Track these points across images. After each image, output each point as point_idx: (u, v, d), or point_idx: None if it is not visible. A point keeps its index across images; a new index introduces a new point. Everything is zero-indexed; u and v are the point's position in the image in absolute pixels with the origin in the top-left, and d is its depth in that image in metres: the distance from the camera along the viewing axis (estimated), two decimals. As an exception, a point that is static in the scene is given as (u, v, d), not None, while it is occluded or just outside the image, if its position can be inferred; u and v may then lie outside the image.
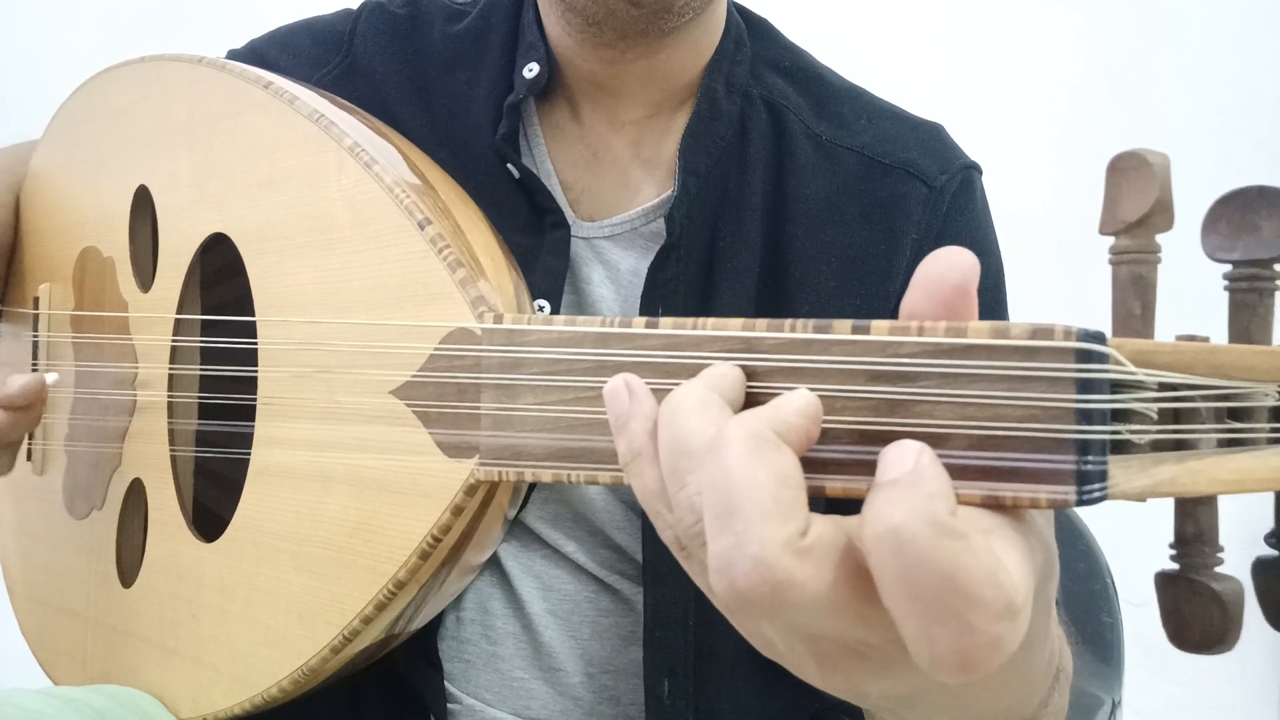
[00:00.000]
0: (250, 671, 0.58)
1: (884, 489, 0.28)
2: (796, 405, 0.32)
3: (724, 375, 0.35)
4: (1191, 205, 0.40)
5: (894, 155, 0.72)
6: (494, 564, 0.71)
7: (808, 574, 0.28)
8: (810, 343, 0.34)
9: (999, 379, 0.30)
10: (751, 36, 0.76)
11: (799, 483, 0.30)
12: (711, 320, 0.37)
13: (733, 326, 0.36)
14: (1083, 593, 0.83)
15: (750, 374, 0.35)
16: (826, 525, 0.30)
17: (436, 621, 0.70)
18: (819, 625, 0.30)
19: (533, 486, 0.67)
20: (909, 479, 0.28)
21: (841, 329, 0.33)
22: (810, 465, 0.33)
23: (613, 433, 0.36)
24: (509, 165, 0.70)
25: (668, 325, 0.38)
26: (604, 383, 0.40)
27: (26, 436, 0.72)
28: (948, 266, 0.32)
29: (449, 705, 0.70)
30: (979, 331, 0.31)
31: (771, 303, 0.70)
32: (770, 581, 0.28)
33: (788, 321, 0.35)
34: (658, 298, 0.68)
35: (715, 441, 0.30)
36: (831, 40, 0.91)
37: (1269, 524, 0.41)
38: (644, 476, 0.35)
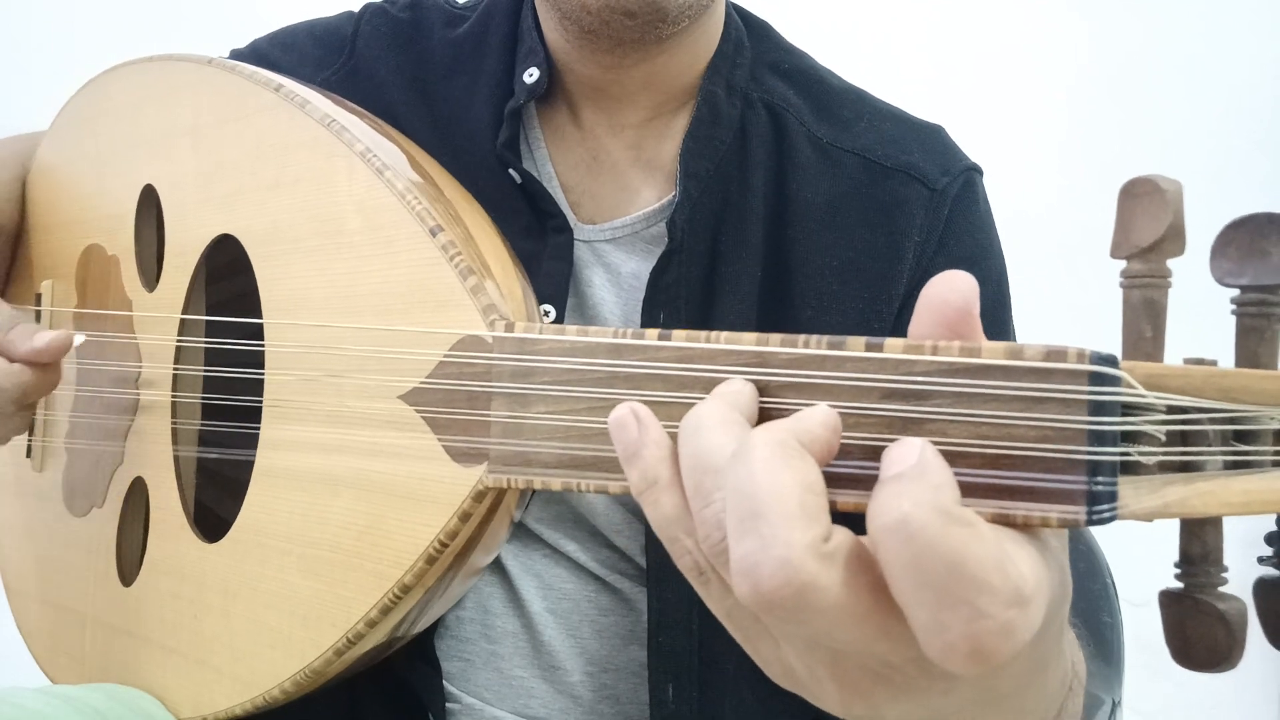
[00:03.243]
0: (252, 672, 0.58)
1: (890, 483, 0.29)
2: (819, 418, 0.33)
3: (739, 392, 0.35)
4: (1190, 204, 0.41)
5: (895, 158, 0.72)
6: (494, 563, 0.71)
7: (832, 578, 0.29)
8: (824, 359, 0.34)
9: (1012, 399, 0.31)
10: (751, 39, 0.76)
11: (822, 490, 0.30)
12: (725, 334, 0.37)
13: (746, 341, 0.36)
14: (1083, 592, 0.83)
15: (762, 389, 0.35)
16: (848, 534, 0.30)
17: (436, 620, 0.70)
18: (841, 636, 0.30)
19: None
20: (914, 471, 0.28)
21: (855, 346, 0.34)
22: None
23: (622, 462, 0.36)
24: (510, 170, 0.70)
25: (681, 338, 0.38)
26: (616, 394, 0.40)
27: (26, 432, 0.72)
28: (948, 289, 0.32)
29: (448, 704, 0.71)
30: (993, 352, 0.31)
31: (773, 307, 0.70)
32: (795, 584, 0.28)
33: (801, 337, 0.35)
34: (660, 302, 0.68)
35: (740, 449, 0.30)
36: (831, 42, 0.91)
37: (1267, 527, 0.42)
38: (660, 505, 0.35)
